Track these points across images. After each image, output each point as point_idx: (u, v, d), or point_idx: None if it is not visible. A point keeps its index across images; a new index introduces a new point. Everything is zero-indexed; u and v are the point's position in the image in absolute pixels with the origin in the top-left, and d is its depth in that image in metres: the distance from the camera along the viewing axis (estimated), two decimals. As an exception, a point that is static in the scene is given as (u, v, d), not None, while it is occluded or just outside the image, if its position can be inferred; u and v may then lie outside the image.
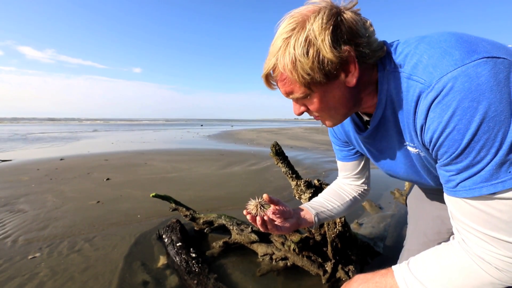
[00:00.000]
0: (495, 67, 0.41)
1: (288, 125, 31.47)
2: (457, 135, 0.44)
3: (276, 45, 0.52)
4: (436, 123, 0.45)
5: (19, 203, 2.68)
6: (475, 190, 0.44)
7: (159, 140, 10.48)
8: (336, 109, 0.58)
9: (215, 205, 2.60)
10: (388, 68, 0.54)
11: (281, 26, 0.52)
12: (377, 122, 0.60)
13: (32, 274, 1.48)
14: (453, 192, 0.48)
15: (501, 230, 0.44)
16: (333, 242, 1.44)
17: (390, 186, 3.16)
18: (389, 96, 0.55)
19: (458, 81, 0.42)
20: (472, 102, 0.41)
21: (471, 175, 0.44)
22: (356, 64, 0.51)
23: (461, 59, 0.43)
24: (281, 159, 1.53)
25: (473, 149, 0.43)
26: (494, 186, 0.43)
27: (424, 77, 0.46)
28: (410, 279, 0.52)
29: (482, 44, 0.45)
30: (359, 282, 0.59)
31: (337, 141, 0.84)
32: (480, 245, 0.46)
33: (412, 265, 0.54)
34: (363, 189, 0.89)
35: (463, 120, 0.42)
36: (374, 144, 0.67)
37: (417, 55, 0.49)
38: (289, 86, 0.55)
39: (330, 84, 0.53)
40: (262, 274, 1.49)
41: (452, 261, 0.50)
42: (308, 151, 6.54)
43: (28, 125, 28.17)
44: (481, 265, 0.46)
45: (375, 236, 1.90)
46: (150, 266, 1.57)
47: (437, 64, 0.45)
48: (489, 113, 0.41)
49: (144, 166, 4.61)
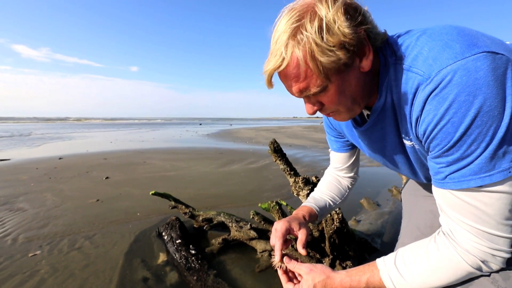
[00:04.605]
0: (494, 62, 0.42)
1: (287, 124, 31.49)
2: (451, 128, 0.44)
3: (281, 41, 0.49)
4: (432, 116, 0.46)
5: (19, 202, 2.68)
6: (463, 183, 0.46)
7: (158, 139, 10.46)
8: (353, 98, 0.55)
9: (214, 203, 2.62)
10: (389, 60, 0.54)
11: (282, 21, 0.50)
12: (377, 115, 0.60)
13: (33, 271, 1.49)
14: (441, 184, 0.50)
15: (485, 222, 0.46)
16: (331, 238, 1.46)
17: (388, 183, 3.18)
18: (389, 88, 0.55)
19: (457, 75, 0.42)
20: (468, 96, 0.42)
21: (460, 167, 0.46)
22: (369, 45, 0.51)
23: (461, 52, 0.43)
24: (279, 156, 1.55)
25: (465, 143, 0.44)
26: (482, 179, 0.44)
27: (424, 69, 0.47)
28: (394, 273, 0.54)
29: (482, 38, 0.45)
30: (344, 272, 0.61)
31: (332, 131, 0.86)
32: (466, 237, 0.48)
33: (398, 258, 0.56)
34: (354, 179, 0.93)
35: (458, 114, 0.43)
36: (371, 138, 0.68)
37: (418, 47, 0.49)
38: (304, 81, 0.51)
39: (347, 72, 0.51)
40: (261, 270, 1.51)
41: (436, 254, 0.51)
42: (307, 149, 6.56)
43: (25, 124, 28.05)
44: (464, 256, 0.48)
45: (372, 232, 1.93)
46: (150, 263, 1.58)
47: (437, 56, 0.45)
48: (483, 108, 0.42)
49: (143, 164, 4.61)
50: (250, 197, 2.81)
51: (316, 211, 0.82)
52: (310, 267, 0.62)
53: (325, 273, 0.60)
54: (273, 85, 0.56)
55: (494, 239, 0.46)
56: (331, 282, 0.58)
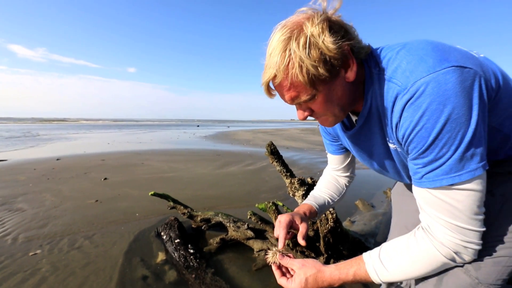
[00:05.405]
0: (462, 75, 0.48)
1: (284, 126, 31.59)
2: (425, 133, 0.50)
3: (274, 54, 0.55)
4: (408, 122, 0.52)
5: (17, 202, 2.70)
6: (437, 182, 0.52)
7: (156, 140, 10.47)
8: (339, 106, 0.61)
9: (212, 204, 2.66)
10: (373, 71, 0.59)
11: (275, 37, 0.55)
12: (364, 120, 0.66)
13: (34, 270, 1.52)
14: (419, 183, 0.55)
15: (457, 217, 0.51)
16: (325, 237, 1.51)
17: (383, 186, 3.25)
18: (374, 96, 0.61)
19: (429, 86, 0.48)
20: (439, 105, 0.48)
21: (434, 168, 0.52)
22: (353, 58, 0.56)
23: (433, 66, 0.49)
24: (275, 158, 1.60)
25: (437, 146, 0.50)
26: (452, 178, 0.50)
27: (402, 80, 0.52)
28: (378, 265, 0.59)
29: (454, 53, 0.51)
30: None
31: (327, 135, 0.92)
32: (441, 231, 0.53)
33: (382, 252, 0.61)
34: (350, 177, 0.99)
35: (431, 120, 0.49)
36: (359, 141, 0.74)
37: (397, 60, 0.55)
38: (295, 91, 0.57)
39: (333, 82, 0.56)
40: (258, 269, 1.55)
41: (415, 247, 0.57)
42: (303, 152, 6.62)
43: (22, 125, 27.82)
44: (439, 248, 0.53)
45: (366, 232, 1.98)
46: (149, 262, 1.62)
47: (413, 69, 0.51)
48: (452, 115, 0.47)
49: (141, 166, 4.64)
50: (247, 198, 2.85)
51: (315, 208, 0.88)
52: (302, 262, 0.67)
53: (316, 267, 0.64)
54: (272, 94, 0.61)
55: (465, 232, 0.51)
56: (322, 275, 0.63)
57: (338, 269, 0.62)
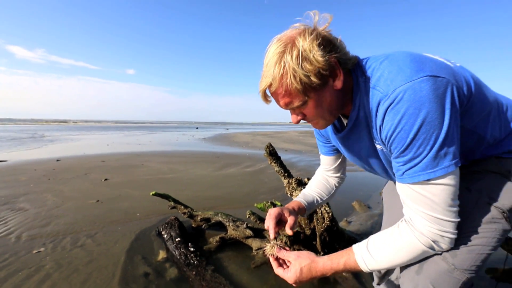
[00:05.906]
0: (435, 84, 0.54)
1: (283, 129, 31.67)
2: (404, 134, 0.57)
3: (270, 65, 0.62)
4: (390, 124, 0.59)
5: (19, 202, 2.74)
6: (415, 177, 0.58)
7: (155, 142, 10.51)
8: (329, 111, 0.69)
9: (211, 205, 2.70)
10: (360, 79, 0.66)
11: (271, 49, 0.63)
12: (353, 123, 0.72)
13: (38, 267, 1.56)
14: (400, 179, 0.62)
15: (434, 209, 0.57)
16: (321, 235, 1.56)
17: (379, 188, 3.30)
18: (361, 101, 0.67)
19: (407, 93, 0.55)
20: (415, 110, 0.54)
21: (412, 165, 0.58)
22: (340, 69, 0.64)
23: (410, 76, 0.56)
24: (274, 159, 1.65)
25: (414, 146, 0.56)
26: (428, 174, 0.56)
27: (384, 88, 0.59)
28: (366, 255, 0.65)
29: (429, 64, 0.58)
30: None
31: (320, 137, 0.99)
32: (421, 222, 0.59)
33: (370, 243, 0.66)
34: (341, 178, 1.05)
35: (408, 123, 0.56)
36: (349, 142, 0.80)
37: (380, 70, 0.62)
38: (288, 98, 0.64)
39: (323, 89, 0.64)
40: (256, 266, 1.60)
41: (398, 238, 0.62)
42: (302, 154, 6.69)
43: (21, 126, 27.79)
44: (419, 238, 0.59)
45: (362, 232, 2.03)
46: (151, 260, 1.66)
47: (393, 78, 0.58)
48: (427, 119, 0.54)
49: (141, 167, 4.68)
50: (246, 199, 2.90)
51: (304, 205, 0.96)
52: (297, 254, 0.73)
53: (310, 258, 0.70)
54: (269, 100, 0.69)
55: (442, 222, 0.57)
56: (315, 265, 0.69)
57: (330, 260, 0.68)
